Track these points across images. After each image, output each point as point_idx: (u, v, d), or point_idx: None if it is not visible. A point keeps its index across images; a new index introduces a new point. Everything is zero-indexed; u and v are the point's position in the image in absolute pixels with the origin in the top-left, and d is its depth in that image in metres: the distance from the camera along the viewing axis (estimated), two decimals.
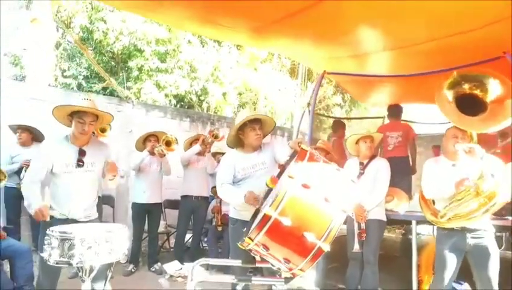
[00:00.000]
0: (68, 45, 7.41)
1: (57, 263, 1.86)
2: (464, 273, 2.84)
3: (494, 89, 2.82)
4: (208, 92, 7.87)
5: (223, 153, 4.92)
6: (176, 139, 4.54)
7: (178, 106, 7.78)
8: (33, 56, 6.24)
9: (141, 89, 7.11)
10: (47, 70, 6.48)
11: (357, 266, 3.41)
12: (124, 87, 6.98)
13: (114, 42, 7.07)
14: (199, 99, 8.00)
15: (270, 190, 2.48)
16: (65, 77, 7.17)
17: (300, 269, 1.81)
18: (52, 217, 2.30)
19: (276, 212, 1.70)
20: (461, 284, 3.34)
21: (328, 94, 9.91)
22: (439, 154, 3.10)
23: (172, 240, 5.42)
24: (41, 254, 1.93)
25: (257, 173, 2.60)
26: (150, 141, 4.38)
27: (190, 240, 5.03)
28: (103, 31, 7.05)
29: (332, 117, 8.15)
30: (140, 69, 7.26)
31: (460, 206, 2.53)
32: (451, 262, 2.72)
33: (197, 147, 4.55)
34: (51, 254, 1.83)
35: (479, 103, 2.87)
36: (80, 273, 1.93)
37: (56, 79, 7.06)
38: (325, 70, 4.84)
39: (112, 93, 6.80)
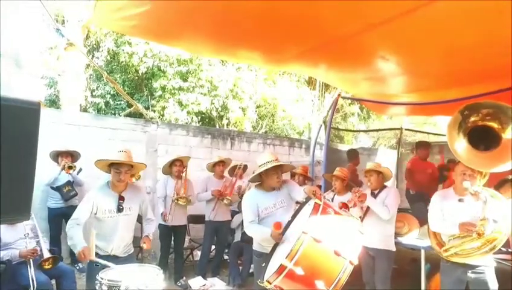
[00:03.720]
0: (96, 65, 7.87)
1: None
2: None
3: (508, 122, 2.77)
4: (228, 108, 8.18)
5: (241, 166, 5.19)
6: None
7: (200, 122, 8.09)
8: (67, 80, 6.72)
9: (165, 108, 7.48)
10: (79, 92, 6.95)
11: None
12: (148, 105, 7.34)
13: (138, 64, 7.47)
14: (219, 115, 8.31)
15: (288, 225, 2.72)
16: (94, 96, 7.65)
17: None
18: (97, 253, 2.63)
19: (291, 263, 1.96)
20: None
21: (346, 103, 10.02)
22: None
23: (195, 253, 5.74)
24: None
25: (278, 211, 2.84)
26: (175, 165, 4.67)
27: (213, 252, 5.30)
28: (128, 53, 7.47)
29: (349, 130, 8.27)
30: (163, 89, 7.65)
31: (463, 243, 2.68)
32: None
33: (209, 195, 4.87)
34: None
35: (493, 137, 2.84)
36: None
37: (86, 99, 7.55)
38: (339, 94, 5.00)
39: (138, 115, 7.18)
